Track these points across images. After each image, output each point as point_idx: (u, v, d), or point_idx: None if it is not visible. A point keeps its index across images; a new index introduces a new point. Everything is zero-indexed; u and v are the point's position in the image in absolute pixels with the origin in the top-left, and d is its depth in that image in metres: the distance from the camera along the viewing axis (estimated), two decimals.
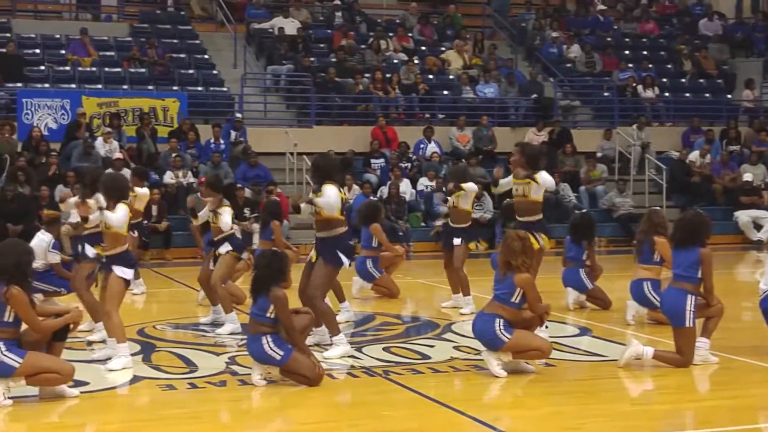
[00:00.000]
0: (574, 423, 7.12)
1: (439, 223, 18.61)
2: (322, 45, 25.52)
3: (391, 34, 25.91)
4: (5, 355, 7.32)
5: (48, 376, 7.47)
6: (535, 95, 24.54)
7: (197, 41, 24.85)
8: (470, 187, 11.81)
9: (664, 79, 26.50)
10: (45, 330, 7.59)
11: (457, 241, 11.89)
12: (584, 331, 10.76)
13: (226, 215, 10.71)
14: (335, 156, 8.60)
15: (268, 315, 8.04)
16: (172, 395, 7.93)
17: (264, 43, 24.91)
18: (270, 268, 8.15)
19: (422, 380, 8.36)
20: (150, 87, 22.33)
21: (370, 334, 10.65)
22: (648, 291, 10.57)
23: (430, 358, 9.26)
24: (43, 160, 18.85)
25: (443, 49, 26.02)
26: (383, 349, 9.67)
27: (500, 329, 8.25)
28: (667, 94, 26.08)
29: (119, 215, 8.58)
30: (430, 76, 24.57)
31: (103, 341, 9.29)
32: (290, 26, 25.05)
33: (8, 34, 23.05)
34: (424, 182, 21.03)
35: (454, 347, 9.74)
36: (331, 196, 9.02)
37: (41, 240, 11.66)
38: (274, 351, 7.97)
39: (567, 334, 10.47)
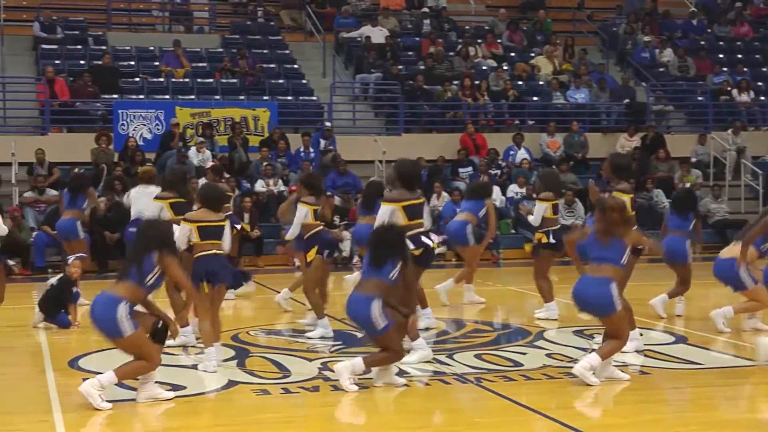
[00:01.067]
0: (674, 431, 6.97)
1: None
2: (410, 53, 25.56)
3: (479, 41, 25.83)
4: (125, 319, 7.51)
5: (138, 365, 7.65)
6: (627, 100, 24.20)
7: (287, 51, 25.11)
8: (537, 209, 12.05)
9: (760, 83, 25.90)
10: (189, 290, 8.35)
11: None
12: (680, 339, 10.55)
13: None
14: (419, 163, 8.59)
15: (390, 277, 8.13)
16: (267, 400, 7.99)
17: (353, 51, 25.05)
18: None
19: (515, 387, 8.29)
20: (241, 97, 22.62)
21: (462, 340, 10.60)
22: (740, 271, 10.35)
23: (522, 365, 9.18)
24: (138, 170, 19.20)
25: (533, 54, 25.84)
26: (475, 356, 9.61)
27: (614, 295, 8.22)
28: (762, 98, 25.48)
29: None
30: (520, 82, 24.41)
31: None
32: (378, 35, 25.14)
33: (104, 47, 23.60)
34: (514, 189, 20.88)
35: (547, 354, 9.65)
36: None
37: None
38: (379, 318, 8.02)
39: (662, 342, 10.27)
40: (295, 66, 24.50)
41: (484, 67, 24.80)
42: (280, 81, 23.62)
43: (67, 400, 7.86)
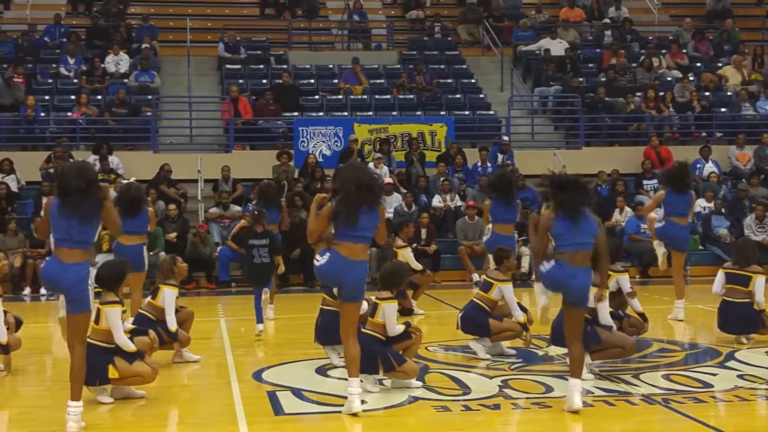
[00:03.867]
0: None
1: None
2: (591, 65, 25.05)
3: (663, 51, 25.09)
4: None
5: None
6: None
7: (464, 66, 25.03)
8: None
9: None
10: None
11: None
12: None
13: None
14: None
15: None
16: (447, 417, 7.86)
17: (531, 65, 24.76)
18: None
19: (704, 409, 7.95)
20: (418, 113, 22.67)
21: (648, 360, 10.17)
22: None
23: (712, 386, 8.78)
24: (318, 186, 19.49)
25: (720, 64, 24.90)
26: (662, 376, 9.25)
27: None
28: None
29: None
30: (707, 93, 23.53)
31: None
32: (558, 47, 24.76)
33: (285, 66, 24.12)
34: (701, 203, 20.05)
35: (738, 376, 9.20)
36: None
37: None
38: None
39: None
40: (473, 80, 24.39)
41: (669, 78, 24.05)
42: (457, 96, 23.55)
43: (252, 411, 7.96)
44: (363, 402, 7.85)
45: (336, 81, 23.86)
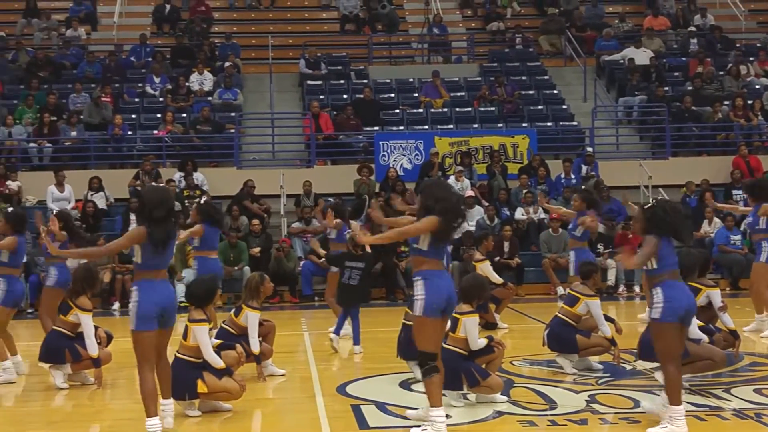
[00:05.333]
0: None
1: None
2: (676, 73, 24.65)
3: (752, 59, 24.56)
4: None
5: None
6: None
7: (546, 77, 24.82)
8: None
9: None
10: None
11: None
12: None
13: None
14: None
15: None
16: (533, 431, 7.74)
17: (615, 74, 24.46)
18: None
19: None
20: (499, 125, 22.52)
21: (739, 374, 9.91)
22: None
23: None
24: (398, 200, 19.42)
25: None
26: (754, 390, 9.00)
27: None
28: None
29: None
30: None
31: None
32: (642, 56, 24.42)
33: (365, 81, 24.21)
34: None
35: None
36: None
37: None
38: None
39: None
40: (555, 91, 24.17)
41: (758, 86, 23.55)
42: (539, 107, 23.36)
43: (337, 425, 7.95)
44: (447, 416, 7.77)
45: (416, 95, 23.86)
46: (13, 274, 10.26)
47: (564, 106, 23.46)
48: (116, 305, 17.04)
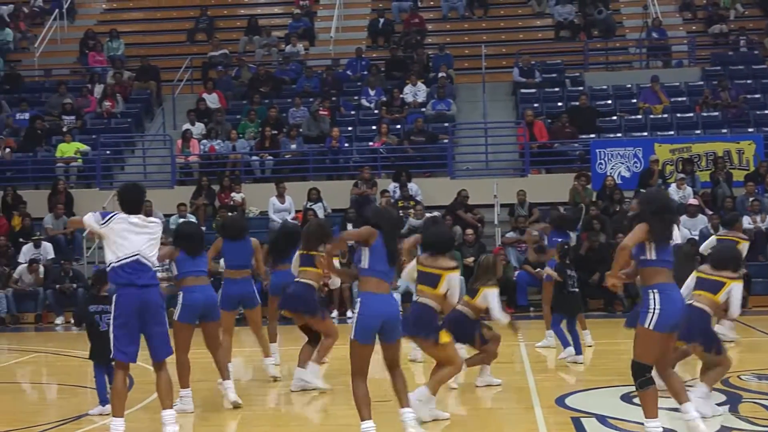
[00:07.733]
0: None
1: None
2: None
3: None
4: None
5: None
6: None
7: None
8: None
9: None
10: None
11: None
12: None
13: None
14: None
15: None
16: None
17: None
18: None
19: None
20: (724, 130, 21.62)
21: None
22: None
23: None
24: (617, 209, 19.00)
25: None
26: None
27: None
28: None
29: None
30: None
31: None
32: None
33: (581, 88, 23.78)
34: None
35: None
36: None
37: None
38: None
39: None
40: None
41: None
42: (766, 111, 22.25)
43: None
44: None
45: (634, 101, 23.26)
46: (230, 276, 10.53)
47: None
48: (335, 312, 17.35)
